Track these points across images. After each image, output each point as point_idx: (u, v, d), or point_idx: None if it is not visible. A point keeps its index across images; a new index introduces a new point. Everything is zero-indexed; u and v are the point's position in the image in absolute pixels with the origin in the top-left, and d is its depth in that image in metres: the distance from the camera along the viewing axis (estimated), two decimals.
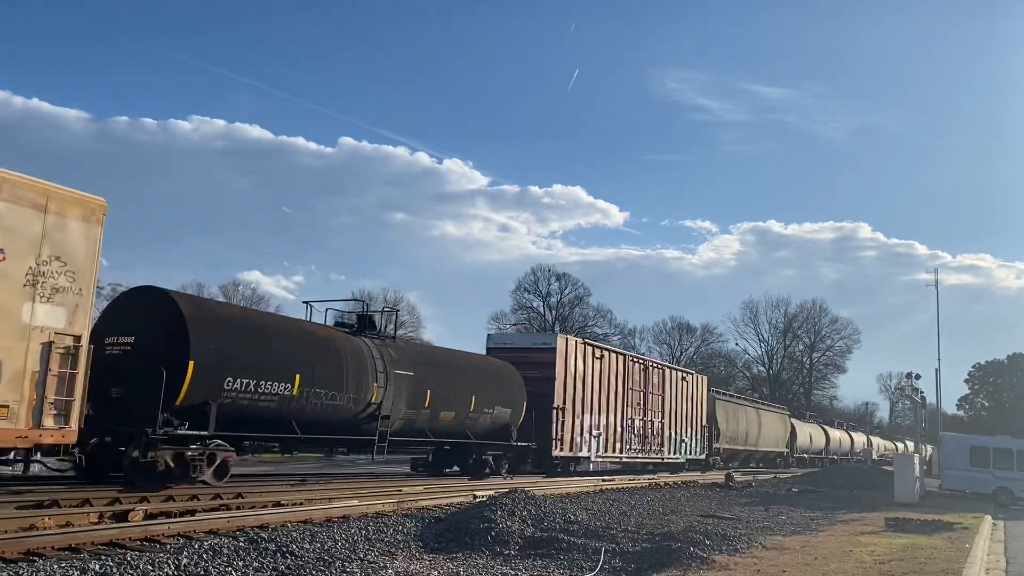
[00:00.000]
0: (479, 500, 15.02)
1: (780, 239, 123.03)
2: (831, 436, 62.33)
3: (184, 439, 13.74)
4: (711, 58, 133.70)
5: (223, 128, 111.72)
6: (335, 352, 17.03)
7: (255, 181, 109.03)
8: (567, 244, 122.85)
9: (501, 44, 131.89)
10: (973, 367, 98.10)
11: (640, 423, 30.23)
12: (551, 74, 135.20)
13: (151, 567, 8.04)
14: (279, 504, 13.26)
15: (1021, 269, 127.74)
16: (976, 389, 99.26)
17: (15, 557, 8.17)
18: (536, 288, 77.44)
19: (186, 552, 8.90)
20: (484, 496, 15.27)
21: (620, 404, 28.53)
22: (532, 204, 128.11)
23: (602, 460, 28.46)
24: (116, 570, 7.80)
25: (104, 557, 8.39)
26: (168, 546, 9.39)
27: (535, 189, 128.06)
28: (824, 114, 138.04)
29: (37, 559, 8.15)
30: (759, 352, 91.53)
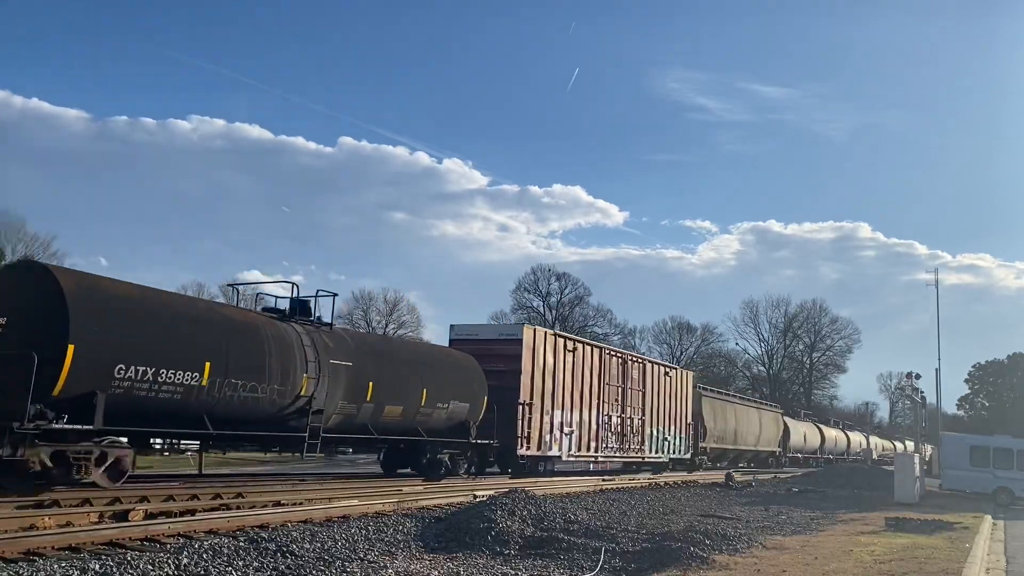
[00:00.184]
0: (479, 500, 15.04)
1: (780, 239, 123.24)
2: (826, 435, 61.35)
3: (63, 434, 12.13)
4: (711, 58, 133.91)
5: (223, 128, 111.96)
6: (255, 338, 15.08)
7: (255, 181, 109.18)
8: (567, 244, 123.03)
9: (501, 44, 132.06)
10: (973, 367, 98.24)
11: (618, 420, 28.66)
12: (551, 74, 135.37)
13: (151, 567, 8.04)
14: (279, 504, 13.27)
15: (1021, 269, 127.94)
16: (976, 389, 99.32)
17: (15, 557, 8.17)
18: (536, 288, 77.59)
19: (186, 552, 8.90)
20: (484, 496, 15.29)
21: (596, 400, 26.99)
22: (532, 204, 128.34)
23: (575, 460, 26.84)
24: (116, 570, 7.80)
25: (104, 557, 8.39)
26: (168, 546, 9.40)
27: (535, 189, 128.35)
28: (824, 114, 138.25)
29: (37, 559, 8.15)
30: (759, 352, 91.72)
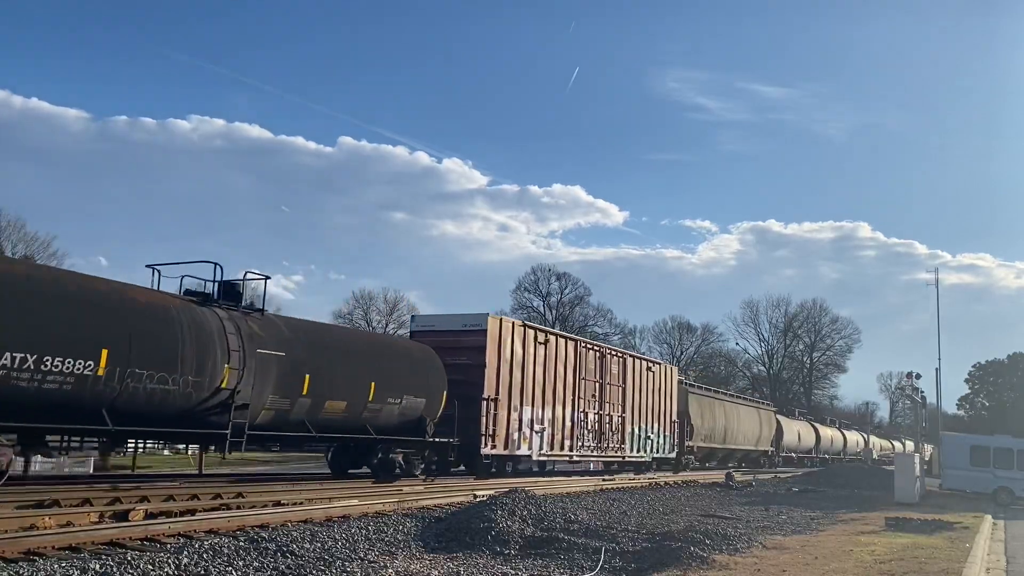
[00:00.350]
0: (479, 500, 15.05)
1: (780, 238, 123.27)
2: (822, 434, 60.13)
3: None
4: (710, 57, 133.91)
5: (222, 127, 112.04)
6: (166, 324, 13.44)
7: (254, 180, 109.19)
8: (567, 244, 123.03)
9: (500, 43, 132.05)
10: (973, 367, 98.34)
11: (595, 417, 27.07)
12: (551, 73, 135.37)
13: (152, 567, 8.04)
14: (279, 504, 13.27)
15: (1021, 268, 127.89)
16: (976, 389, 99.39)
17: (15, 557, 8.17)
18: (536, 288, 77.60)
19: (187, 552, 8.90)
20: (484, 496, 15.30)
21: (570, 396, 25.46)
22: (531, 203, 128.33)
23: (547, 459, 25.29)
24: (117, 570, 7.80)
25: (104, 557, 8.39)
26: (169, 545, 9.40)
27: (534, 188, 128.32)
28: (824, 113, 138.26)
29: (37, 559, 8.15)
30: (759, 352, 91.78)
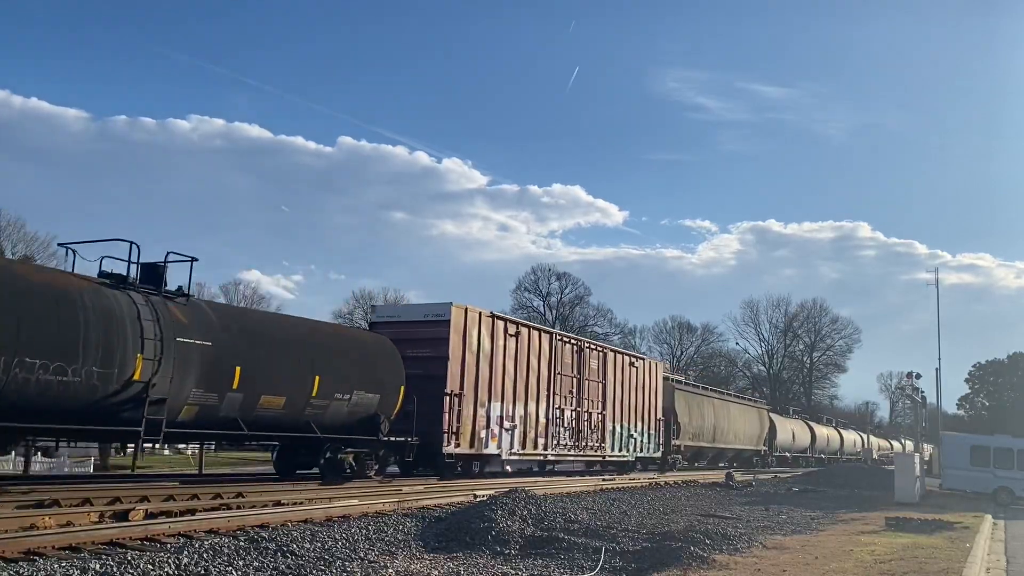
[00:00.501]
0: (479, 500, 15.05)
1: (780, 238, 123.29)
2: (817, 433, 58.71)
3: None
4: (710, 57, 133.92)
5: (222, 127, 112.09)
6: (64, 307, 12.13)
7: (254, 180, 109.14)
8: (567, 243, 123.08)
9: (500, 43, 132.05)
10: (973, 366, 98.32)
11: (572, 414, 25.74)
12: (550, 73, 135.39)
13: (152, 566, 8.04)
14: (279, 503, 13.27)
15: (1021, 268, 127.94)
16: (976, 388, 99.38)
17: (15, 557, 8.16)
18: (536, 287, 77.64)
19: (187, 551, 8.90)
20: (484, 496, 15.31)
21: (544, 391, 24.14)
22: (531, 203, 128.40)
23: (518, 458, 23.83)
24: (117, 569, 7.80)
25: (105, 556, 8.39)
26: (169, 545, 9.40)
27: (534, 188, 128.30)
28: (824, 113, 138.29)
29: (38, 558, 8.15)
30: (759, 352, 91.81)
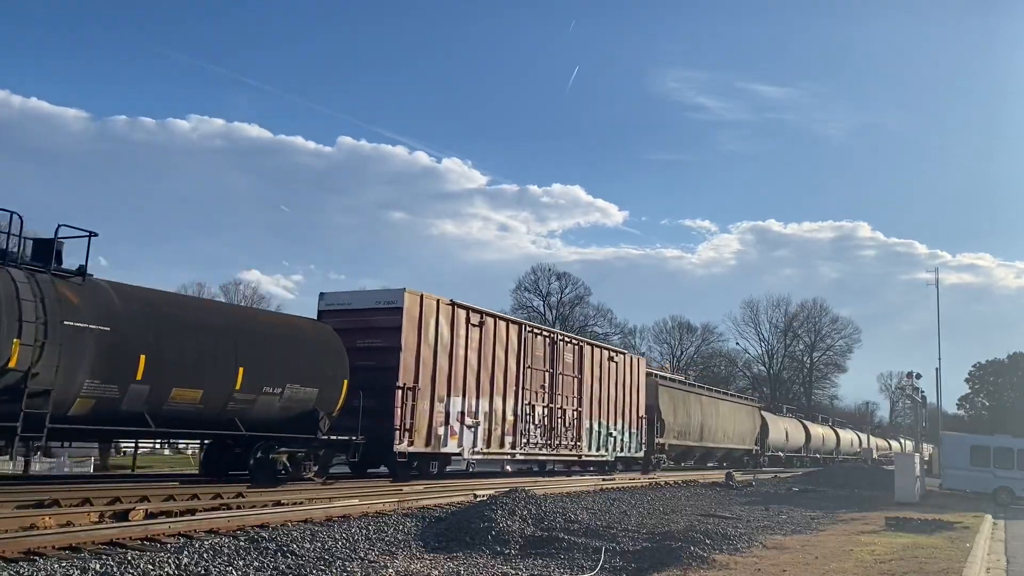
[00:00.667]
0: (479, 499, 15.06)
1: (779, 238, 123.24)
2: (812, 432, 57.26)
3: None
4: (710, 57, 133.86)
5: (222, 127, 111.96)
6: None
7: (254, 180, 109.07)
8: (566, 243, 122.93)
9: (500, 42, 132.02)
10: (973, 366, 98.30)
11: (544, 411, 24.37)
12: (550, 72, 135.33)
13: (152, 566, 8.04)
14: (279, 504, 13.28)
15: (1021, 268, 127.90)
16: (976, 388, 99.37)
17: (16, 557, 8.17)
18: (536, 287, 77.63)
19: (187, 551, 8.91)
20: (484, 496, 15.31)
21: (513, 386, 22.75)
22: (531, 203, 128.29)
23: (483, 457, 22.37)
24: (117, 569, 7.80)
25: (105, 556, 8.40)
26: (169, 545, 9.41)
27: (534, 188, 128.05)
28: (823, 113, 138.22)
29: (38, 558, 8.16)
30: (759, 352, 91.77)
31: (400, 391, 18.32)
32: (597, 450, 27.59)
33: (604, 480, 24.79)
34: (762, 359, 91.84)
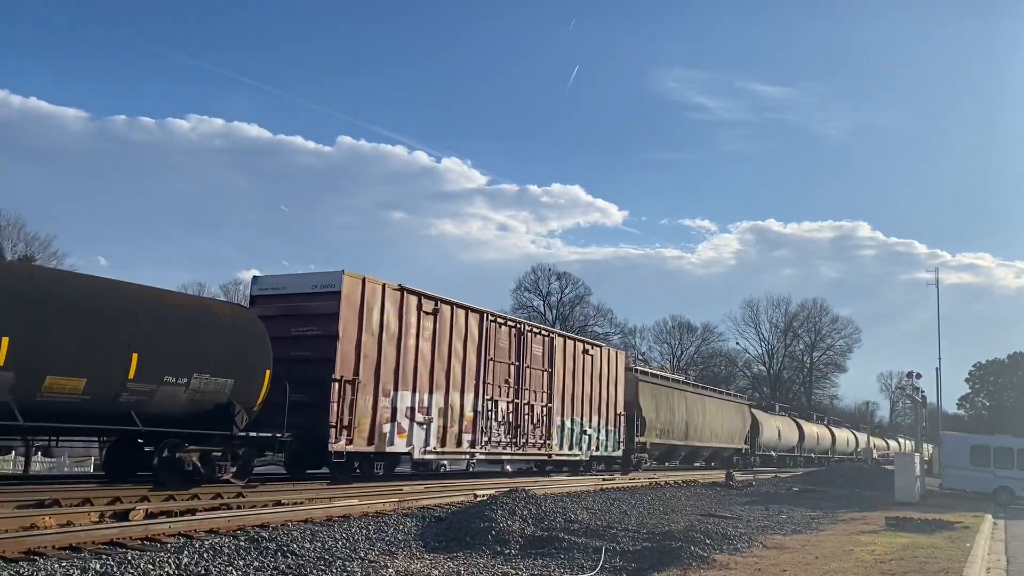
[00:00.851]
0: (480, 499, 15.06)
1: (779, 238, 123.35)
2: (806, 432, 55.57)
3: None
4: (710, 57, 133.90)
5: (221, 127, 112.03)
6: None
7: (254, 180, 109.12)
8: (566, 243, 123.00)
9: (500, 42, 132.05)
10: (974, 366, 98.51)
11: (509, 407, 22.81)
12: (550, 72, 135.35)
13: (152, 566, 8.04)
14: (280, 503, 13.29)
15: (1021, 268, 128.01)
16: (977, 388, 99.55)
17: (16, 556, 8.17)
18: (536, 287, 77.70)
19: (187, 551, 8.90)
20: (484, 495, 15.32)
21: (473, 380, 21.16)
22: (531, 203, 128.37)
23: (436, 457, 20.82)
24: (117, 569, 7.79)
25: (105, 556, 8.39)
26: (169, 545, 9.41)
27: (534, 188, 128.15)
28: (823, 113, 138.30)
29: (38, 558, 8.15)
30: (759, 351, 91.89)
31: (337, 384, 16.61)
32: (569, 449, 25.99)
33: (604, 480, 24.78)
34: (762, 359, 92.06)
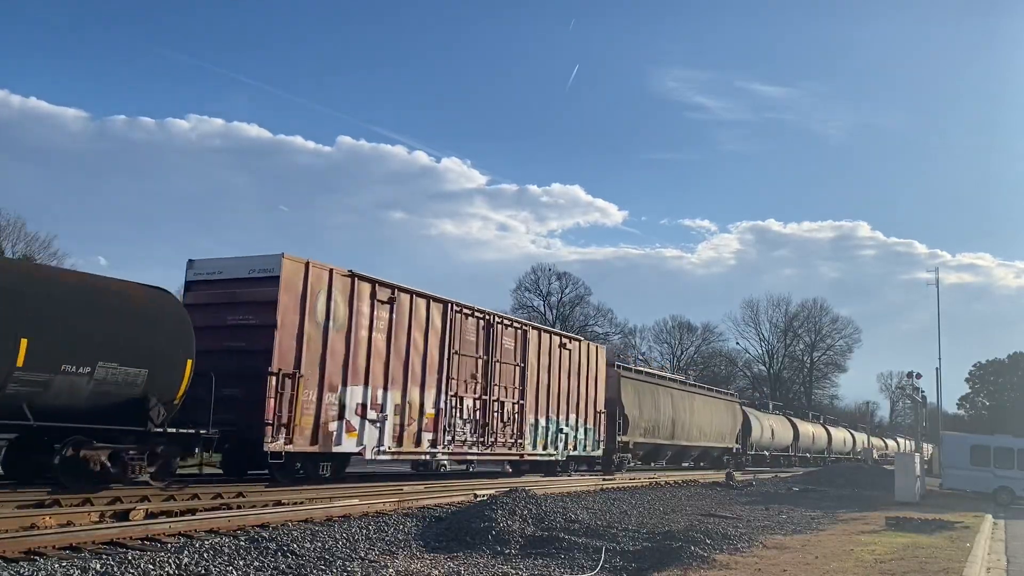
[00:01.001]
0: (480, 499, 15.07)
1: (779, 238, 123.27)
2: (801, 431, 53.98)
3: None
4: (710, 57, 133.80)
5: (221, 127, 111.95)
6: None
7: (253, 180, 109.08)
8: (566, 243, 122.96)
9: (499, 41, 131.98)
10: (974, 366, 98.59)
11: (476, 404, 21.37)
12: (550, 71, 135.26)
13: (152, 566, 8.03)
14: (280, 503, 13.30)
15: (1020, 268, 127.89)
16: (977, 388, 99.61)
17: (16, 556, 8.17)
18: (536, 287, 77.70)
19: (187, 551, 8.90)
20: (484, 495, 15.32)
21: (435, 375, 19.75)
22: (531, 203, 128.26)
23: (392, 457, 19.35)
24: (117, 569, 7.79)
25: (105, 556, 8.40)
26: (169, 545, 9.41)
27: (534, 188, 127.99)
28: (823, 113, 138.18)
29: (38, 558, 8.16)
30: (760, 351, 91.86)
31: (275, 378, 15.16)
32: (544, 448, 24.44)
33: (604, 480, 24.79)
34: (762, 359, 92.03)
